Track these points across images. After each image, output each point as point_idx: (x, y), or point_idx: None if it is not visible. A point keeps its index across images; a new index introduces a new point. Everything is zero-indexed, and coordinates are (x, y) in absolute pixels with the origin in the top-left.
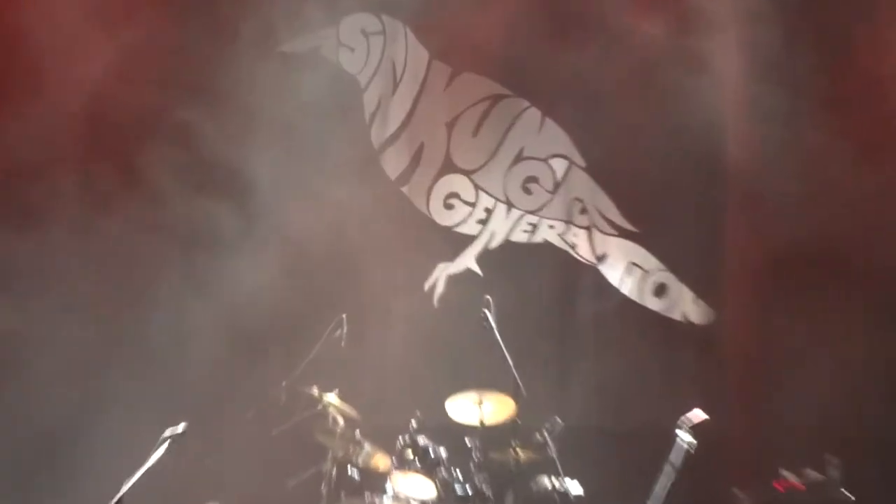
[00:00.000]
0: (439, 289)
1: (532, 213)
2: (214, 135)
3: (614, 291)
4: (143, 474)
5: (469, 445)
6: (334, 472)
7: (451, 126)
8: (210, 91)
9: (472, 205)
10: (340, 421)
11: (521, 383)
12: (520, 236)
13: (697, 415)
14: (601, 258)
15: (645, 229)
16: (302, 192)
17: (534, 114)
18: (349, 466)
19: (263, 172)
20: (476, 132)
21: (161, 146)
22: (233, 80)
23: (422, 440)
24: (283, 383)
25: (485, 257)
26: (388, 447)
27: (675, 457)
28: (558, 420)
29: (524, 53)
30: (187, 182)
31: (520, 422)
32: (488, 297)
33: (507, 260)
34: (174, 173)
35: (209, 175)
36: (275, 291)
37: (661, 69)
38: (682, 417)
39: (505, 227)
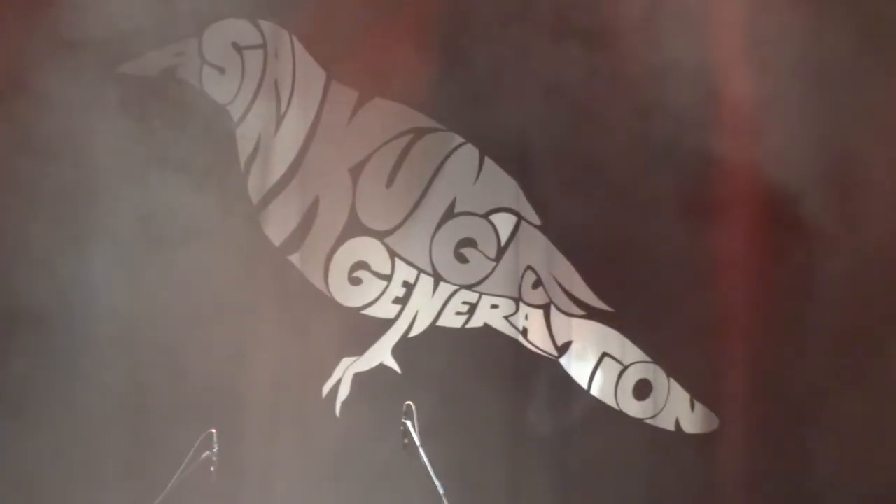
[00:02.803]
0: (343, 393)
1: (468, 287)
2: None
3: (581, 392)
4: None
5: None
6: None
7: (356, 172)
8: None
9: (387, 278)
10: None
11: None
12: (452, 320)
13: None
14: (563, 348)
15: (622, 308)
16: (149, 267)
17: (470, 153)
18: None
19: (92, 243)
20: (391, 180)
21: None
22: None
23: None
24: None
25: (405, 349)
26: None
27: None
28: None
29: (456, 71)
30: None
31: None
32: (410, 403)
33: (434, 353)
34: None
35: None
36: (114, 398)
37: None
38: None
39: (431, 307)
